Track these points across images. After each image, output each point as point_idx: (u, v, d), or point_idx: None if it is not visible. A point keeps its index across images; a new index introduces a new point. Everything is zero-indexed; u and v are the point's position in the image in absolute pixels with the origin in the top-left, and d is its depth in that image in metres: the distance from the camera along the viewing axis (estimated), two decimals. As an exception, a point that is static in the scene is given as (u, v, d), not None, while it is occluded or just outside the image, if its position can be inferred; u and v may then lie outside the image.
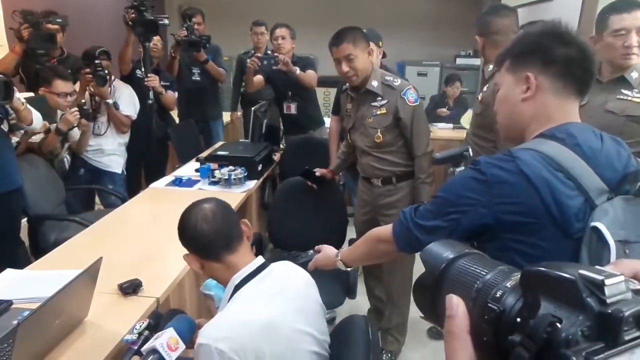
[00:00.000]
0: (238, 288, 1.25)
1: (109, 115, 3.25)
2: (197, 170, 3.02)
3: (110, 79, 3.23)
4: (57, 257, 1.96)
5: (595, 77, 1.95)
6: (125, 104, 3.30)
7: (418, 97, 2.30)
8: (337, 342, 1.36)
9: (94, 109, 3.16)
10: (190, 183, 2.93)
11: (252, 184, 2.89)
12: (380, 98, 2.27)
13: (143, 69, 3.40)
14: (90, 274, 1.44)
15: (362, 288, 2.66)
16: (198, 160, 3.24)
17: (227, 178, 2.81)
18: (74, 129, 3.03)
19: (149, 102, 3.37)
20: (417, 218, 1.11)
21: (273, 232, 2.78)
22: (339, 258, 1.42)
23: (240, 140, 3.94)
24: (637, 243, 0.94)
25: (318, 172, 2.67)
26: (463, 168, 1.90)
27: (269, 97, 3.80)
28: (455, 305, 0.43)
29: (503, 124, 1.14)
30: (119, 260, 1.83)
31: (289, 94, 3.57)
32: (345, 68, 2.23)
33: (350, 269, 1.62)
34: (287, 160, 3.46)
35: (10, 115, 2.42)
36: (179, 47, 3.78)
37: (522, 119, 1.07)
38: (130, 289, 1.64)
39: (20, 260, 2.30)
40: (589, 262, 0.92)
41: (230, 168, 2.87)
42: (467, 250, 0.49)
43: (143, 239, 2.17)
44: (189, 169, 3.18)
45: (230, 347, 1.11)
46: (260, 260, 1.31)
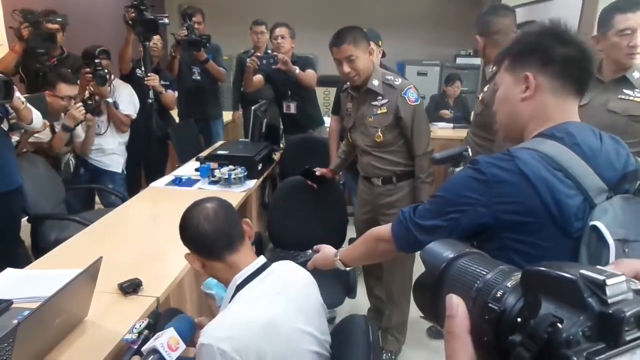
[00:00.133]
0: (240, 288, 1.25)
1: (109, 115, 3.25)
2: (197, 170, 3.02)
3: (110, 79, 3.23)
4: (57, 256, 1.96)
5: (595, 76, 1.96)
6: (125, 104, 3.31)
7: (419, 96, 2.30)
8: (337, 341, 1.36)
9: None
10: (190, 182, 2.93)
11: (252, 184, 2.89)
12: (381, 97, 2.27)
13: (143, 68, 3.39)
14: (90, 274, 1.44)
15: (362, 287, 2.66)
16: (198, 160, 3.23)
17: (227, 177, 2.81)
18: (78, 128, 3.03)
19: (149, 101, 3.37)
20: (416, 217, 1.11)
21: (273, 231, 2.78)
22: (338, 258, 1.42)
23: (240, 140, 3.94)
24: (636, 242, 0.94)
25: (318, 171, 2.67)
26: (462, 168, 1.90)
27: (269, 96, 3.80)
28: (456, 305, 0.43)
29: (502, 124, 1.14)
30: (119, 260, 1.83)
31: (289, 94, 3.56)
32: (347, 69, 2.22)
33: (350, 269, 1.62)
34: (287, 160, 3.46)
35: (10, 115, 2.41)
36: (179, 46, 3.78)
37: (521, 119, 1.07)
38: (130, 289, 1.64)
39: (20, 260, 2.30)
40: (589, 261, 0.93)
41: (230, 167, 2.87)
42: (467, 250, 0.49)
43: (143, 239, 2.17)
44: (189, 169, 3.17)
45: (232, 347, 1.11)
46: (262, 260, 1.31)
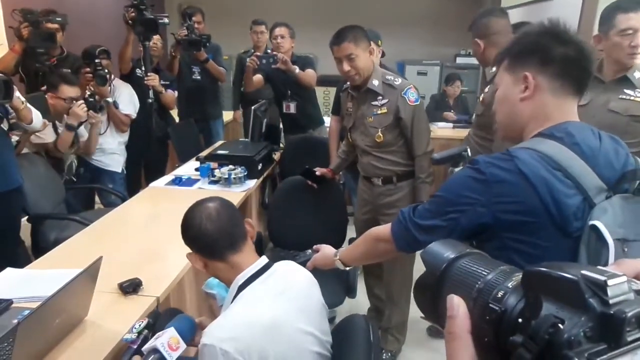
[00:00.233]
0: (242, 288, 1.25)
1: (109, 115, 3.25)
2: (197, 170, 3.01)
3: (110, 78, 3.23)
4: (57, 256, 1.96)
5: (596, 76, 1.96)
6: (125, 103, 3.31)
7: (419, 96, 2.30)
8: (337, 341, 1.36)
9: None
10: (190, 182, 2.92)
11: (252, 183, 2.88)
12: (381, 97, 2.27)
13: (143, 68, 3.39)
14: (90, 273, 1.44)
15: (361, 287, 2.66)
16: (198, 160, 3.23)
17: (227, 177, 2.81)
18: (82, 129, 3.03)
19: (149, 101, 3.37)
20: (415, 217, 1.11)
21: (273, 231, 2.78)
22: (338, 257, 1.42)
23: (240, 140, 3.93)
24: (635, 241, 0.94)
25: (318, 171, 2.67)
26: (462, 168, 1.90)
27: (269, 96, 3.80)
28: (456, 306, 0.43)
29: (502, 123, 1.15)
30: (119, 260, 1.83)
31: (288, 93, 3.56)
32: (347, 67, 2.22)
33: (350, 268, 1.62)
34: (287, 160, 3.46)
35: (10, 114, 2.41)
36: (179, 46, 3.78)
37: (520, 119, 1.07)
38: (130, 288, 1.64)
39: (20, 260, 2.30)
40: (588, 260, 0.93)
41: (230, 167, 2.87)
42: (468, 250, 0.49)
43: (143, 238, 2.17)
44: (189, 168, 3.17)
45: (235, 347, 1.10)
46: (264, 260, 1.31)
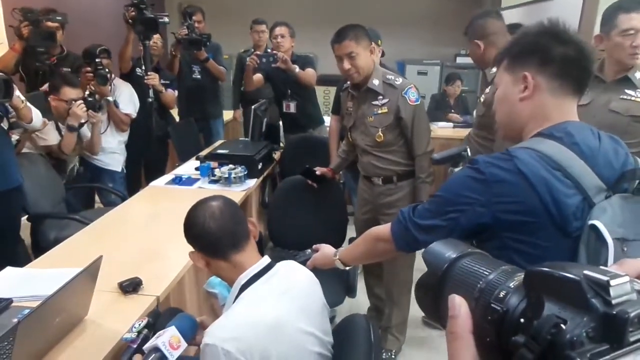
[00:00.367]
0: (244, 288, 1.24)
1: (109, 114, 3.25)
2: (197, 169, 3.01)
3: (111, 78, 3.22)
4: (57, 255, 1.96)
5: (597, 76, 1.96)
6: (125, 103, 3.30)
7: (419, 96, 2.30)
8: (338, 341, 1.35)
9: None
10: (190, 181, 2.92)
11: (252, 183, 2.88)
12: (382, 97, 2.27)
13: (143, 67, 3.39)
14: (91, 273, 1.44)
15: (361, 286, 2.66)
16: (198, 159, 3.23)
17: (227, 176, 2.81)
18: (85, 130, 3.02)
19: (149, 100, 3.37)
20: (415, 217, 1.12)
21: (273, 230, 2.78)
22: (338, 257, 1.42)
23: (240, 139, 3.93)
24: (635, 241, 0.94)
25: (318, 170, 2.67)
26: (461, 168, 1.90)
27: (269, 95, 3.79)
28: (458, 306, 0.43)
29: (502, 123, 1.15)
30: (119, 259, 1.83)
31: (288, 93, 3.56)
32: (347, 65, 2.22)
33: (351, 268, 1.62)
34: (287, 159, 3.45)
35: (10, 113, 2.41)
36: (180, 45, 3.78)
37: (520, 118, 1.07)
38: (131, 288, 1.64)
39: (20, 259, 2.30)
40: (587, 260, 0.93)
41: (231, 166, 2.87)
42: (469, 250, 0.49)
43: (143, 238, 2.17)
44: (189, 168, 3.17)
45: (237, 347, 1.10)
46: (267, 260, 1.30)
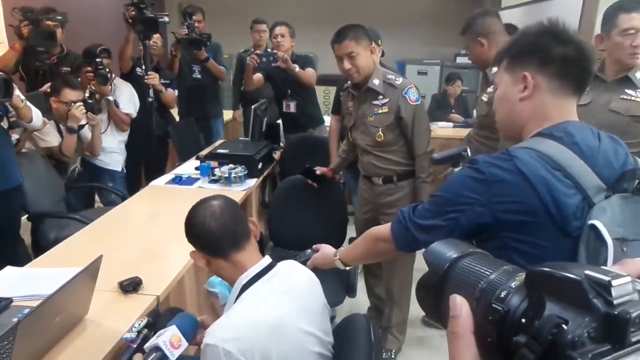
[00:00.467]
0: (245, 288, 1.24)
1: (110, 113, 3.25)
2: (197, 169, 3.01)
3: (111, 77, 3.22)
4: (57, 254, 1.96)
5: (597, 75, 1.96)
6: (125, 102, 3.30)
7: (419, 96, 2.30)
8: (338, 341, 1.35)
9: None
10: (191, 181, 2.92)
11: (252, 182, 2.88)
12: (382, 97, 2.26)
13: (143, 67, 3.39)
14: (91, 272, 1.43)
15: (361, 286, 2.66)
16: (198, 159, 3.23)
17: (227, 176, 2.81)
18: (86, 131, 3.02)
19: (149, 100, 3.36)
20: (415, 217, 1.11)
21: (273, 230, 2.78)
22: (338, 257, 1.42)
23: (241, 139, 3.93)
24: (635, 241, 0.94)
25: (318, 170, 2.67)
26: (461, 168, 1.90)
27: (269, 95, 3.79)
28: (459, 306, 0.43)
29: (502, 123, 1.15)
30: (119, 258, 1.83)
31: (289, 92, 3.55)
32: (347, 65, 2.22)
33: (351, 268, 1.62)
34: (287, 159, 3.45)
35: (10, 113, 2.41)
36: (180, 45, 3.77)
37: (520, 118, 1.07)
38: (131, 287, 1.64)
39: (20, 258, 2.30)
40: (587, 260, 0.93)
41: (231, 166, 2.87)
42: (470, 250, 0.49)
43: (143, 237, 2.16)
44: (189, 167, 3.17)
45: (238, 348, 1.10)
46: (268, 260, 1.30)
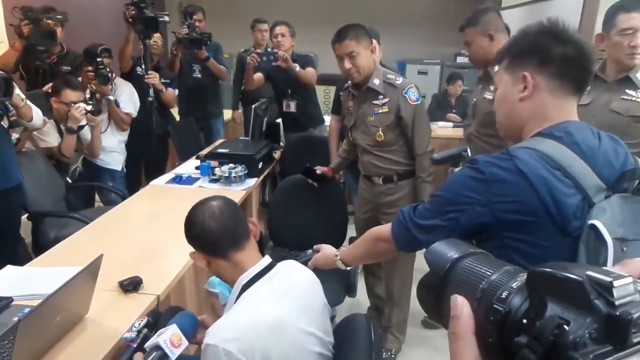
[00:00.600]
0: (245, 288, 1.24)
1: (110, 113, 3.25)
2: (197, 168, 3.01)
3: (112, 77, 3.22)
4: (57, 254, 1.96)
5: (598, 75, 1.96)
6: (126, 102, 3.30)
7: (420, 95, 2.30)
8: (339, 340, 1.35)
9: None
10: (191, 181, 2.92)
11: (252, 182, 2.88)
12: (382, 96, 2.26)
13: (143, 66, 3.39)
14: (91, 271, 1.44)
15: (362, 286, 2.65)
16: (198, 158, 3.23)
17: (227, 176, 2.81)
18: (87, 132, 3.02)
19: (149, 99, 3.36)
20: (415, 217, 1.11)
21: (273, 230, 2.78)
22: (339, 257, 1.42)
23: (241, 138, 3.93)
24: (634, 241, 0.94)
25: (319, 170, 2.67)
26: (461, 168, 1.89)
27: (270, 94, 3.79)
28: (460, 306, 0.43)
29: (502, 124, 1.15)
30: (120, 258, 1.83)
31: (289, 92, 3.55)
32: (348, 65, 2.22)
33: (351, 268, 1.62)
34: (287, 159, 3.45)
35: (10, 112, 2.41)
36: (180, 44, 3.77)
37: (520, 118, 1.07)
38: (131, 286, 1.64)
39: (21, 258, 2.30)
40: (587, 260, 0.93)
41: (231, 166, 2.87)
42: (471, 250, 0.49)
43: (143, 236, 2.16)
44: (189, 167, 3.17)
45: (238, 348, 1.10)
46: (267, 260, 1.31)
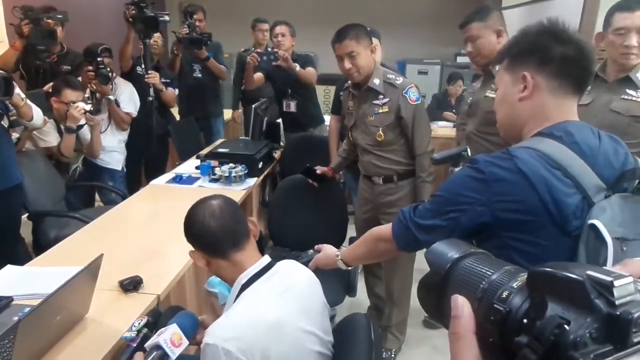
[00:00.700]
0: (244, 287, 1.24)
1: (110, 113, 3.25)
2: (197, 168, 3.01)
3: (112, 77, 3.22)
4: (57, 253, 1.96)
5: (599, 75, 1.96)
6: (126, 102, 3.30)
7: (420, 95, 2.30)
8: (339, 340, 1.35)
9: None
10: (191, 180, 2.92)
11: (252, 182, 2.88)
12: (382, 96, 2.26)
13: (143, 66, 3.39)
14: (91, 271, 1.44)
15: (362, 285, 2.66)
16: (198, 158, 3.23)
17: (227, 175, 2.81)
18: (86, 132, 3.02)
19: (149, 99, 3.37)
20: (416, 217, 1.11)
21: (273, 230, 2.78)
22: (339, 257, 1.42)
23: (241, 138, 3.93)
24: (634, 241, 0.94)
25: (319, 170, 2.67)
26: (461, 167, 1.89)
27: (270, 94, 3.79)
28: (461, 306, 0.43)
29: (502, 123, 1.15)
30: (120, 257, 1.83)
31: (289, 92, 3.55)
32: (348, 65, 2.22)
33: (351, 267, 1.62)
34: (287, 158, 3.45)
35: (11, 112, 2.42)
36: (181, 44, 3.77)
37: (520, 118, 1.07)
38: (131, 286, 1.64)
39: (21, 257, 2.30)
40: (587, 259, 0.93)
41: (231, 165, 2.87)
42: (472, 250, 0.49)
43: (143, 236, 2.17)
44: (190, 166, 3.17)
45: (238, 347, 1.10)
46: (267, 260, 1.31)
